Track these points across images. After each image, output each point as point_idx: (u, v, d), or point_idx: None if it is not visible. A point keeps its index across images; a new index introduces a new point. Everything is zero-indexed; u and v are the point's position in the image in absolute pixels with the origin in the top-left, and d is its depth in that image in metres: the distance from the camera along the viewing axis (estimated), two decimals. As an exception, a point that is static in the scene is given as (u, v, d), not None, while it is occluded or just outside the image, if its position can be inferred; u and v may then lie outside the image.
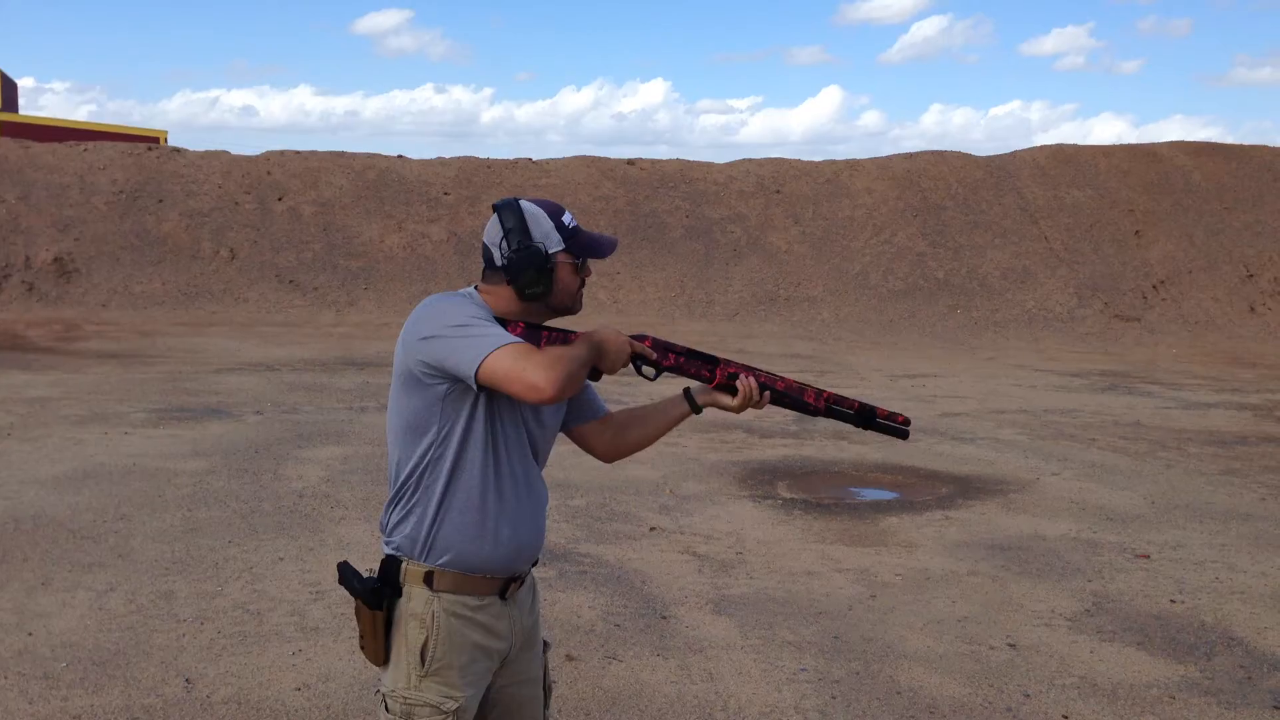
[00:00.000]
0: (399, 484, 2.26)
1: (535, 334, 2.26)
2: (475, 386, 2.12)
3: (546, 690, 2.49)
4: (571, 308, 2.33)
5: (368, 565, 5.41)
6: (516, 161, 22.70)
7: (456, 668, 2.22)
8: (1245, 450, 9.09)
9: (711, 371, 2.40)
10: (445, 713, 2.20)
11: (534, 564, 2.43)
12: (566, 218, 2.30)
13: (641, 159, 23.21)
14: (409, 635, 2.22)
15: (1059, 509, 6.94)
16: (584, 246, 2.30)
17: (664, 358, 2.39)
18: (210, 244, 19.73)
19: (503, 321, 2.24)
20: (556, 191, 21.75)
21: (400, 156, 22.69)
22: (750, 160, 23.59)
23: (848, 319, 19.47)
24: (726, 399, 2.39)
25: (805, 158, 24.01)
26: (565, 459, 8.04)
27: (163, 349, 14.19)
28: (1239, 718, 3.97)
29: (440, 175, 21.93)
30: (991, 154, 24.08)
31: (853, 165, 23.37)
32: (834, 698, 4.05)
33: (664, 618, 4.84)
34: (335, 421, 9.17)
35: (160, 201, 20.27)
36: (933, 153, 23.84)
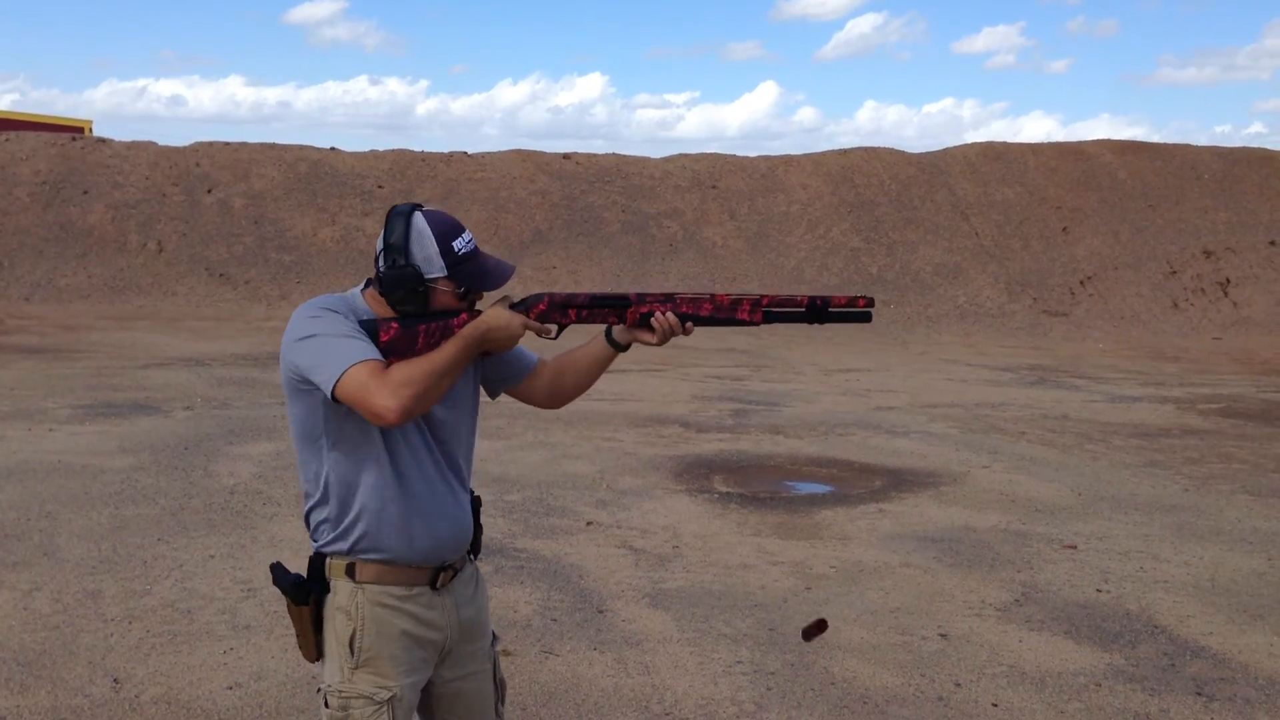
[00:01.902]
0: (310, 490, 2.27)
1: (412, 331, 2.22)
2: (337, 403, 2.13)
3: (499, 685, 2.48)
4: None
5: (301, 562, 5.35)
6: (451, 155, 22.55)
7: (387, 657, 2.23)
8: (1168, 442, 9.32)
9: (621, 315, 2.36)
10: (379, 703, 2.21)
11: (472, 552, 2.42)
12: (459, 242, 2.24)
13: (577, 153, 23.17)
14: (337, 628, 2.24)
15: (989, 501, 7.06)
16: (469, 276, 2.25)
17: (564, 316, 2.35)
18: (137, 236, 19.35)
19: (374, 323, 2.21)
20: (492, 185, 21.65)
21: (333, 149, 22.42)
22: (686, 155, 23.66)
23: (783, 314, 19.60)
24: (647, 335, 2.35)
25: (741, 153, 24.17)
26: (500, 454, 8.01)
27: (88, 344, 13.89)
28: (1163, 704, 4.08)
29: (374, 168, 21.71)
30: (924, 151, 24.41)
31: (788, 161, 23.55)
32: (769, 689, 4.09)
33: (601, 612, 4.84)
34: (267, 417, 9.04)
35: (85, 193, 19.83)
36: (866, 149, 24.10)
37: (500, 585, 5.12)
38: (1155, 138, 26.16)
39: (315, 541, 2.30)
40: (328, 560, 2.27)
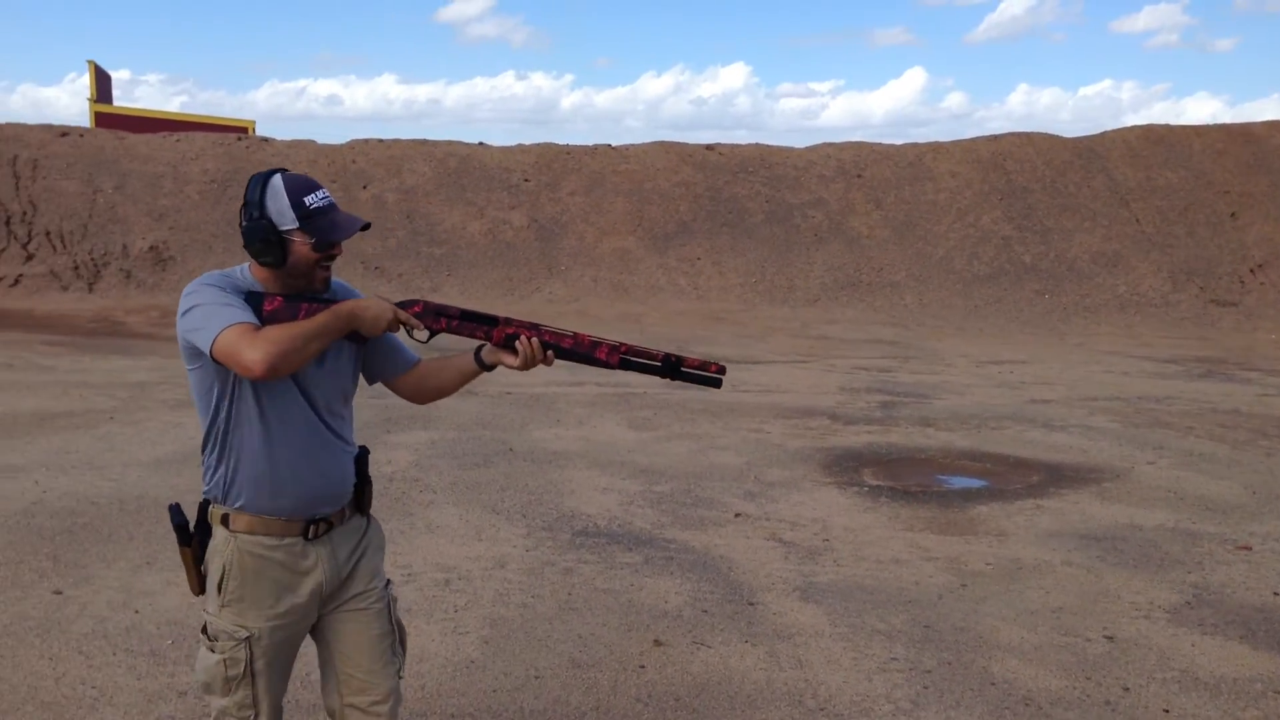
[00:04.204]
0: (204, 440, 2.49)
1: (294, 306, 2.41)
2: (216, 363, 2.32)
3: (397, 628, 2.67)
4: (310, 283, 2.46)
5: (458, 548, 5.49)
6: (596, 148, 22.75)
7: (251, 601, 2.45)
8: (1350, 439, 8.79)
9: (488, 333, 2.52)
10: (237, 640, 2.45)
11: (356, 508, 2.60)
12: (311, 198, 2.42)
13: (720, 144, 23.10)
14: (212, 569, 2.48)
15: (1155, 498, 6.78)
16: (319, 228, 2.42)
17: (435, 322, 2.52)
18: (298, 232, 20.08)
19: (260, 295, 2.41)
20: (636, 177, 21.75)
21: (481, 144, 22.88)
22: (830, 144, 23.35)
23: (931, 304, 19.21)
24: (510, 358, 2.52)
25: (887, 141, 23.72)
26: (648, 445, 8.06)
27: (253, 335, 14.47)
28: (1349, 715, 3.85)
29: (520, 162, 22.07)
30: (1080, 135, 23.55)
31: (936, 148, 23.02)
32: (926, 688, 4.01)
33: (751, 604, 4.82)
34: (423, 406, 9.27)
35: (249, 190, 20.68)
36: (1018, 134, 23.38)
37: (650, 575, 5.15)
38: (1334, 116, 24.64)
39: (203, 484, 2.51)
40: (210, 508, 2.49)
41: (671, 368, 2.53)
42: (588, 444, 8.07)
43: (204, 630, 2.49)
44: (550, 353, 2.51)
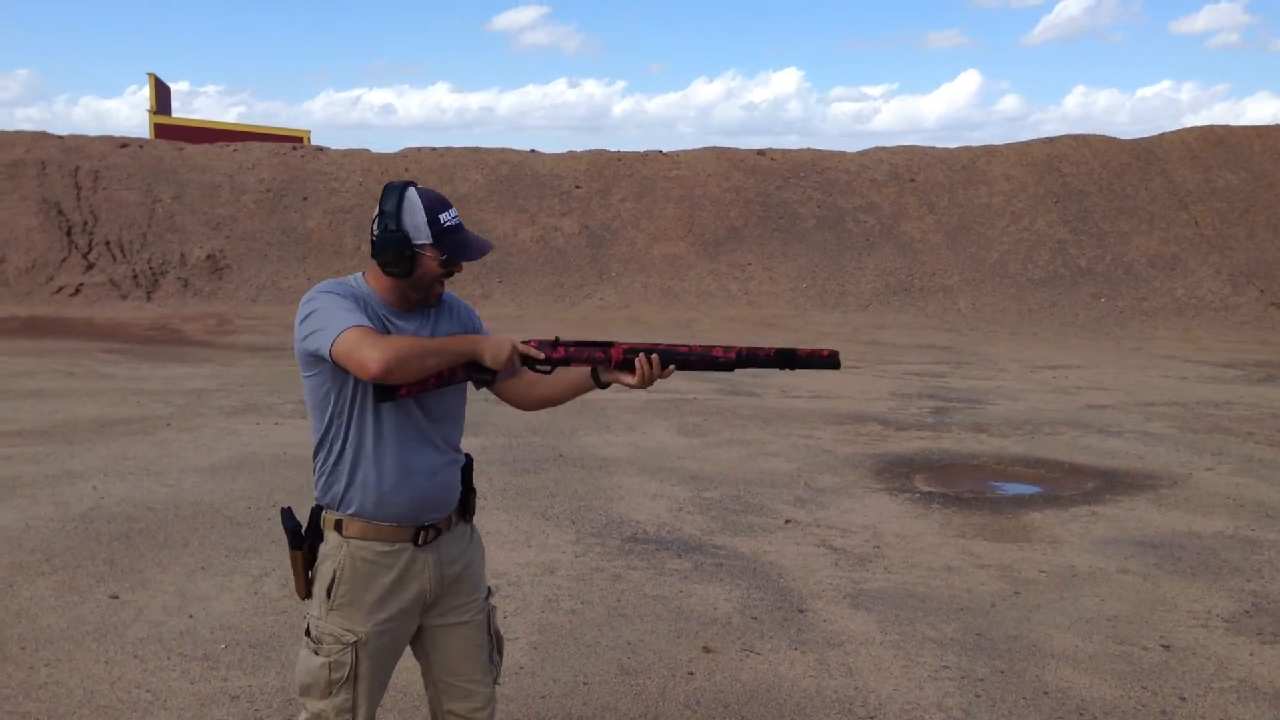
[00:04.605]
0: (316, 447, 2.55)
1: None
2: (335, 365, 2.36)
3: (494, 636, 2.72)
4: (426, 297, 2.51)
5: (507, 554, 5.51)
6: (647, 154, 22.78)
7: (359, 605, 2.49)
8: None
9: (606, 354, 2.56)
10: (344, 644, 2.48)
11: (461, 515, 2.64)
12: (445, 216, 2.47)
13: (772, 149, 23.04)
14: (322, 573, 2.52)
15: (1214, 505, 6.65)
16: (451, 246, 2.48)
17: (554, 352, 2.56)
18: (352, 240, 20.32)
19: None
20: (687, 183, 21.75)
21: (533, 151, 23.00)
22: (883, 148, 23.20)
23: (985, 309, 19.00)
24: (627, 377, 2.56)
25: (940, 144, 23.53)
26: (698, 451, 8.05)
27: (308, 342, 14.64)
28: None
29: (572, 169, 22.15)
30: (1138, 137, 23.19)
31: (990, 151, 22.79)
32: (978, 696, 3.96)
33: (801, 611, 4.80)
34: (472, 412, 9.30)
35: (305, 199, 20.97)
36: (1074, 136, 23.09)
37: (699, 582, 5.14)
38: (1401, 114, 24.10)
39: (316, 491, 2.56)
40: (323, 513, 2.54)
41: (786, 359, 2.56)
42: (637, 450, 8.08)
43: (307, 633, 2.53)
44: (671, 366, 2.54)
